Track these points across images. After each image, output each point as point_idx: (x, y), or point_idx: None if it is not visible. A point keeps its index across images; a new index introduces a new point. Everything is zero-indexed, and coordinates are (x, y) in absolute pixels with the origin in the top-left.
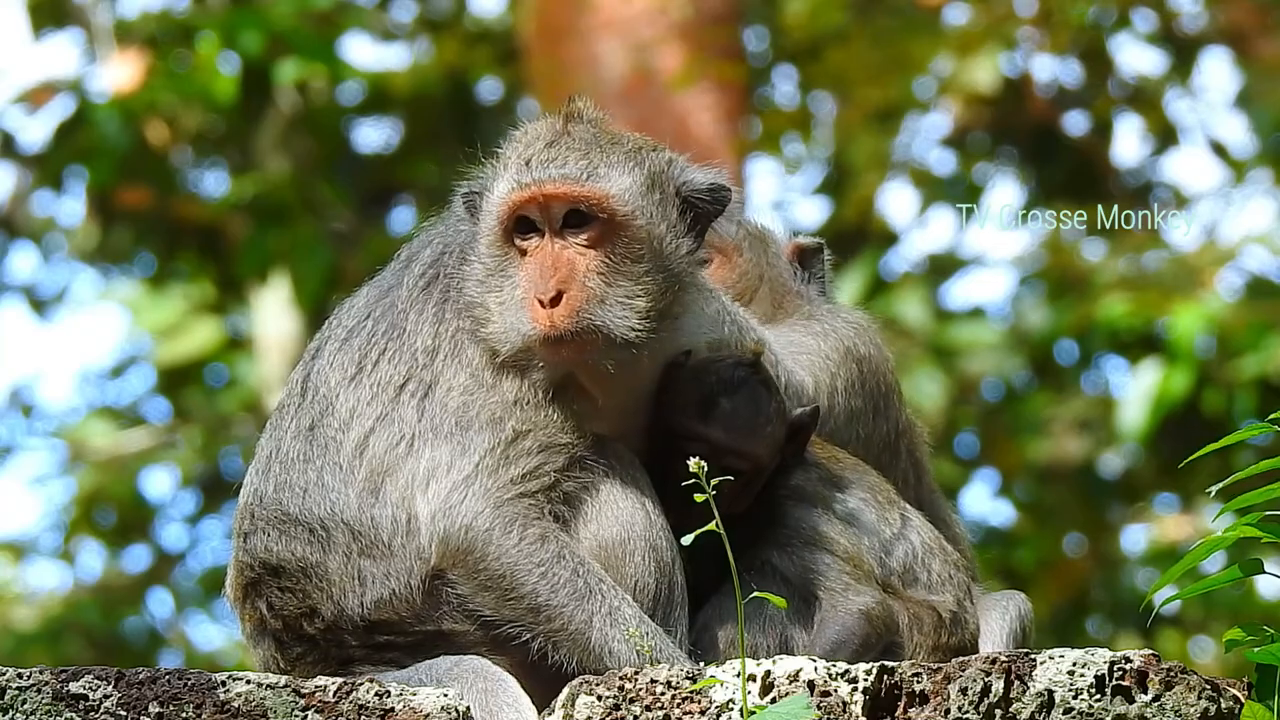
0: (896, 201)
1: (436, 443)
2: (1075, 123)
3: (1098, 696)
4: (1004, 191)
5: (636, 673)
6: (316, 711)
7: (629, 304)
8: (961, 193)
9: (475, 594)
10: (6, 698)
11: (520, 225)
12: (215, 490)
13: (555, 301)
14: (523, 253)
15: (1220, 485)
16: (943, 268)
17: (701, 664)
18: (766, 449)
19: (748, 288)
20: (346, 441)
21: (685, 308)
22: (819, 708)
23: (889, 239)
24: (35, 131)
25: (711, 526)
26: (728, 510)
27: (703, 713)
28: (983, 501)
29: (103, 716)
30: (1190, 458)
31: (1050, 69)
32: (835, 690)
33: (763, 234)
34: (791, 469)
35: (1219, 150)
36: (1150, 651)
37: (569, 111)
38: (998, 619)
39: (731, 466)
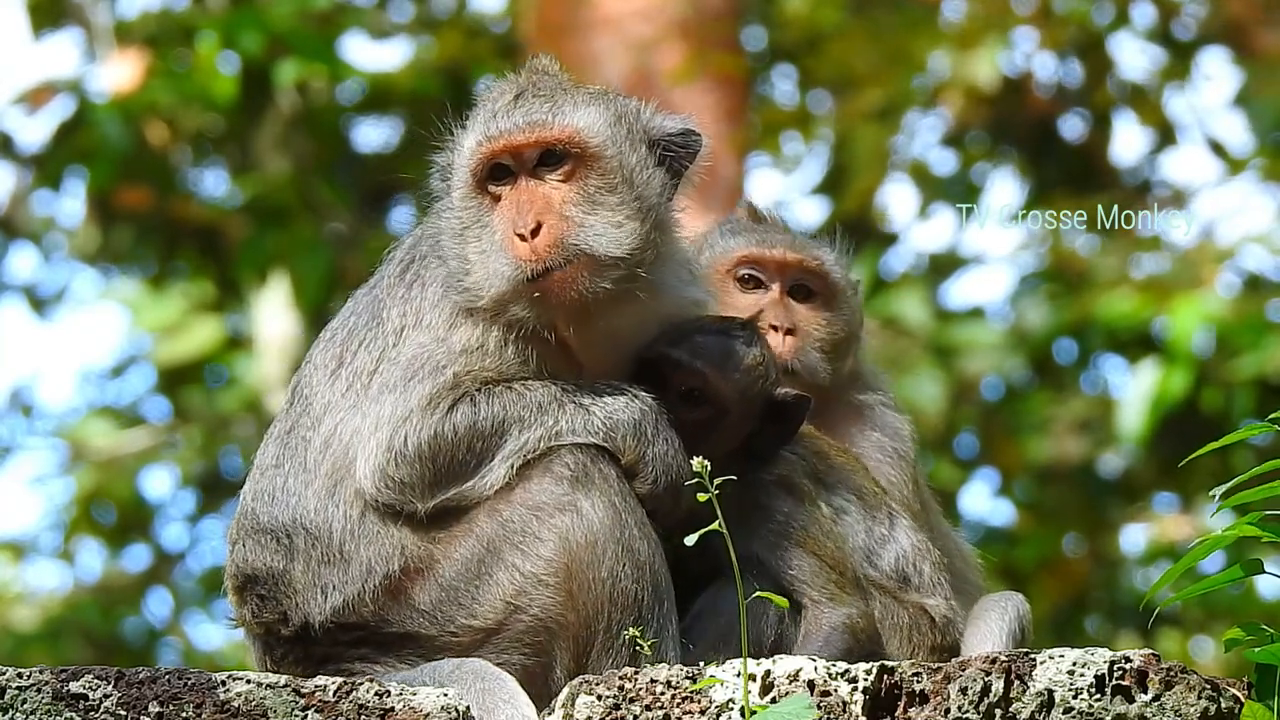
0: (896, 200)
1: (382, 397)
2: (1074, 121)
3: (1098, 696)
4: (1003, 190)
5: (636, 672)
6: (316, 711)
7: (612, 226)
8: (961, 191)
9: (440, 484)
10: (6, 698)
11: (494, 173)
12: (215, 490)
13: (536, 234)
14: (497, 199)
15: (1225, 487)
16: (942, 267)
17: (701, 663)
18: (733, 390)
19: (842, 340)
20: (315, 438)
21: (667, 254)
22: (819, 707)
23: (888, 238)
24: (35, 131)
25: (714, 526)
26: (693, 453)
27: (703, 712)
28: (983, 501)
29: (103, 716)
30: (1189, 457)
31: (1049, 67)
32: (835, 690)
33: (858, 287)
34: (780, 459)
35: (1217, 149)
36: (1150, 651)
37: (532, 67)
38: (996, 619)
39: (693, 394)
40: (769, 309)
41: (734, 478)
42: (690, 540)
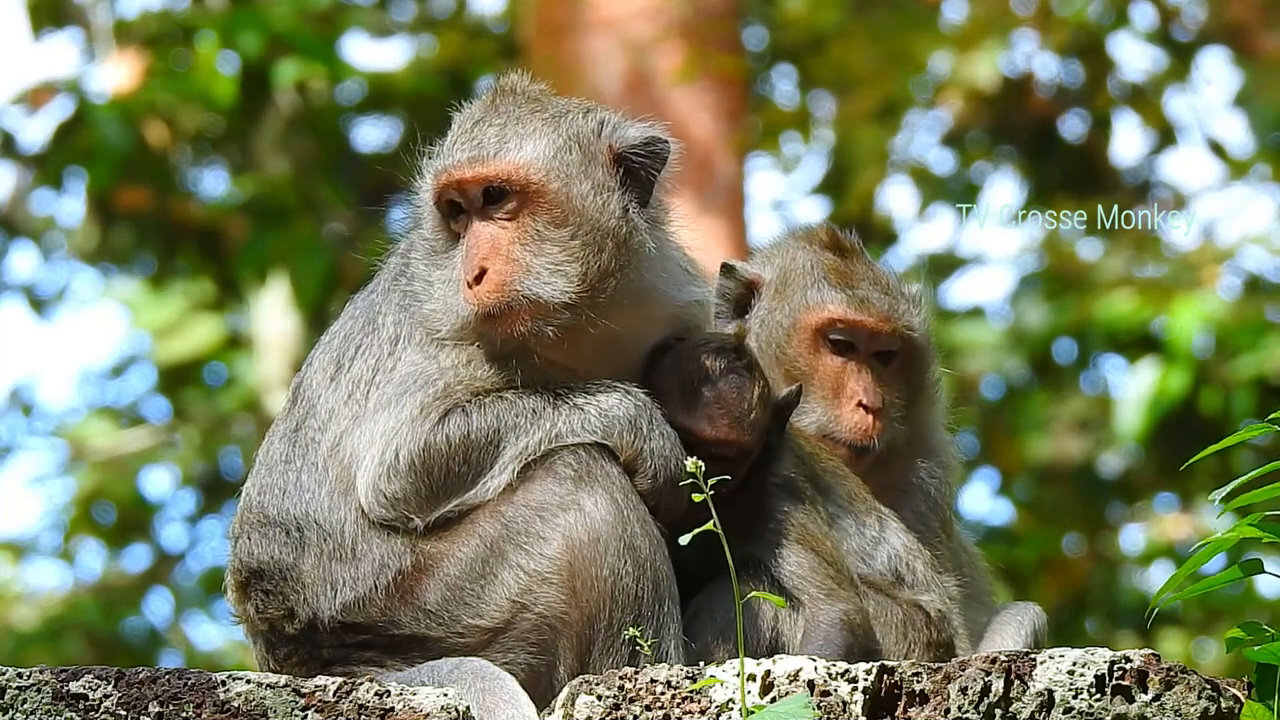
0: (896, 200)
1: (377, 415)
2: (1074, 121)
3: (1098, 696)
4: (1003, 190)
5: (636, 672)
6: (316, 711)
7: (557, 269)
8: (961, 191)
9: (439, 494)
10: (6, 698)
11: (450, 210)
12: (215, 490)
13: (480, 279)
14: (456, 236)
15: (1226, 490)
16: (942, 267)
17: (701, 663)
18: (751, 434)
19: (918, 395)
20: (324, 441)
21: (643, 267)
22: (819, 707)
23: (889, 238)
24: (35, 131)
25: (709, 526)
26: (716, 492)
27: (703, 712)
28: (983, 501)
29: (103, 716)
30: (1191, 460)
31: (1049, 67)
32: (835, 690)
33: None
34: (780, 459)
35: (1218, 149)
36: (1150, 651)
37: (500, 87)
38: (1013, 632)
39: (717, 454)
40: (857, 381)
41: (729, 478)
42: (684, 540)
